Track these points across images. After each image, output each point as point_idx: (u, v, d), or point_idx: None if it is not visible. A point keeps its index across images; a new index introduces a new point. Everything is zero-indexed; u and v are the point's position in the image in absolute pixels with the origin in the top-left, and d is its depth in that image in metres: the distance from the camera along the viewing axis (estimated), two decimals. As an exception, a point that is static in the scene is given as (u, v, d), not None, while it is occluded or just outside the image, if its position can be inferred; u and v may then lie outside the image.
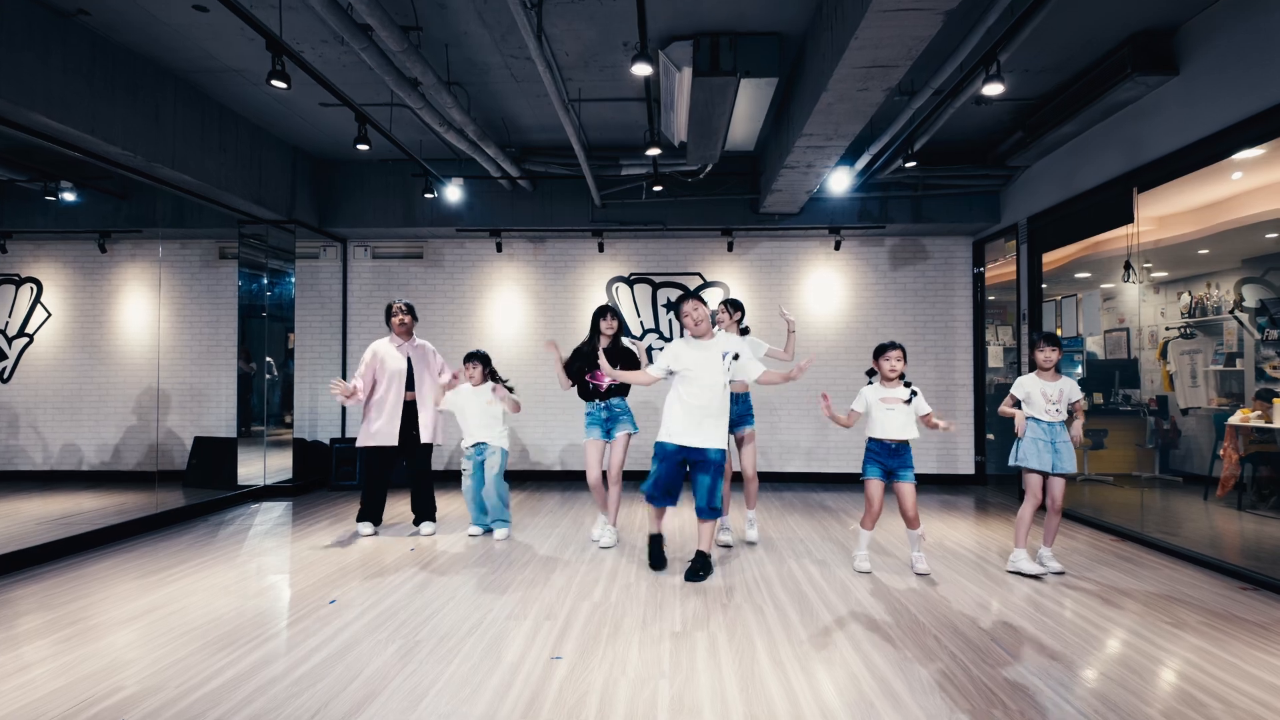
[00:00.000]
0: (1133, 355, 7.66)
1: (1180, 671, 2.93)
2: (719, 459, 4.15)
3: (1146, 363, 7.49)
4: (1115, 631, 3.38)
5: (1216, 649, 3.16)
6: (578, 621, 3.46)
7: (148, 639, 3.22)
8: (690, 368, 4.17)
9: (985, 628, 3.39)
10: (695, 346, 4.22)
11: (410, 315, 5.41)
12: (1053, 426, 4.34)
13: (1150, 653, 3.13)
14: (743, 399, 4.91)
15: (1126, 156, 5.33)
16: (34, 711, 2.53)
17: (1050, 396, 4.33)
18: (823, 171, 5.96)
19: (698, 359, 4.18)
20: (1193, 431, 7.26)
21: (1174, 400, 7.28)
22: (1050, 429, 4.34)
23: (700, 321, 4.20)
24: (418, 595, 3.87)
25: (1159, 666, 2.98)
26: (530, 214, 7.73)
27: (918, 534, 4.33)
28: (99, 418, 8.02)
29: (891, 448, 4.26)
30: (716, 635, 3.29)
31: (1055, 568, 4.37)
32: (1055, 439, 4.33)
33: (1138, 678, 2.86)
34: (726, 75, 4.68)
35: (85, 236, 7.88)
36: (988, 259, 7.97)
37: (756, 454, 4.95)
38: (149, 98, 5.24)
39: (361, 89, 5.65)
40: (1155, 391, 7.39)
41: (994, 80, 4.18)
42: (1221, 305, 6.87)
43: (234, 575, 4.26)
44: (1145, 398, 7.33)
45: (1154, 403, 7.37)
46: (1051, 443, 4.32)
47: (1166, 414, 7.29)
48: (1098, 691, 2.73)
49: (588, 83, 5.63)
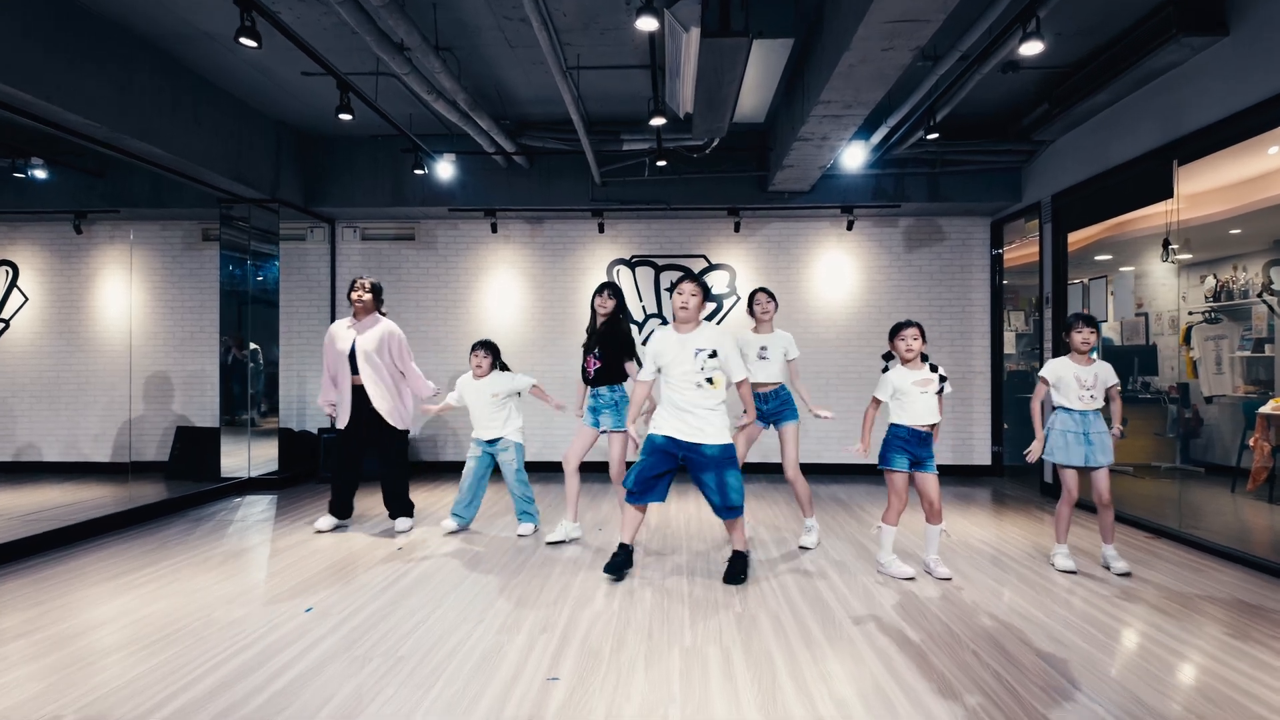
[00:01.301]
0: (1151, 341, 7.34)
1: (1269, 702, 2.60)
2: (717, 453, 3.76)
3: (1166, 349, 7.17)
4: (1181, 649, 3.05)
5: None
6: (577, 635, 3.13)
7: (103, 655, 2.89)
8: (666, 360, 3.83)
9: (1028, 641, 3.06)
10: (674, 337, 3.85)
11: (371, 294, 4.92)
12: (1086, 415, 4.00)
13: (1225, 675, 2.80)
14: (775, 395, 4.54)
15: (1166, 127, 4.96)
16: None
17: (1085, 382, 3.99)
18: (838, 145, 5.59)
19: (672, 352, 3.82)
20: (1216, 420, 6.95)
21: (1196, 388, 6.97)
22: (1084, 418, 4.00)
23: (684, 309, 3.80)
24: (402, 602, 3.54)
25: (1237, 692, 2.65)
26: (527, 193, 7.35)
27: (939, 529, 3.98)
28: (78, 406, 7.69)
29: (922, 435, 3.90)
30: (731, 650, 2.96)
31: (1121, 568, 4.02)
32: (1089, 429, 3.99)
33: (1222, 711, 2.53)
34: (738, 36, 4.29)
35: (60, 217, 7.51)
36: (1006, 240, 7.61)
37: (798, 452, 4.51)
38: (116, 65, 4.86)
39: (345, 56, 5.27)
40: (1176, 379, 7.06)
41: (1032, 38, 3.81)
42: (1249, 288, 6.54)
43: (206, 578, 3.93)
44: (1165, 385, 7.00)
45: (1175, 390, 7.05)
46: (1085, 434, 3.98)
47: (1188, 402, 6.97)
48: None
49: (587, 48, 5.25)
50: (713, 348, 3.78)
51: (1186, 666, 2.85)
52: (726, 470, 3.77)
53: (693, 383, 3.78)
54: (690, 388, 3.78)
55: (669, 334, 3.88)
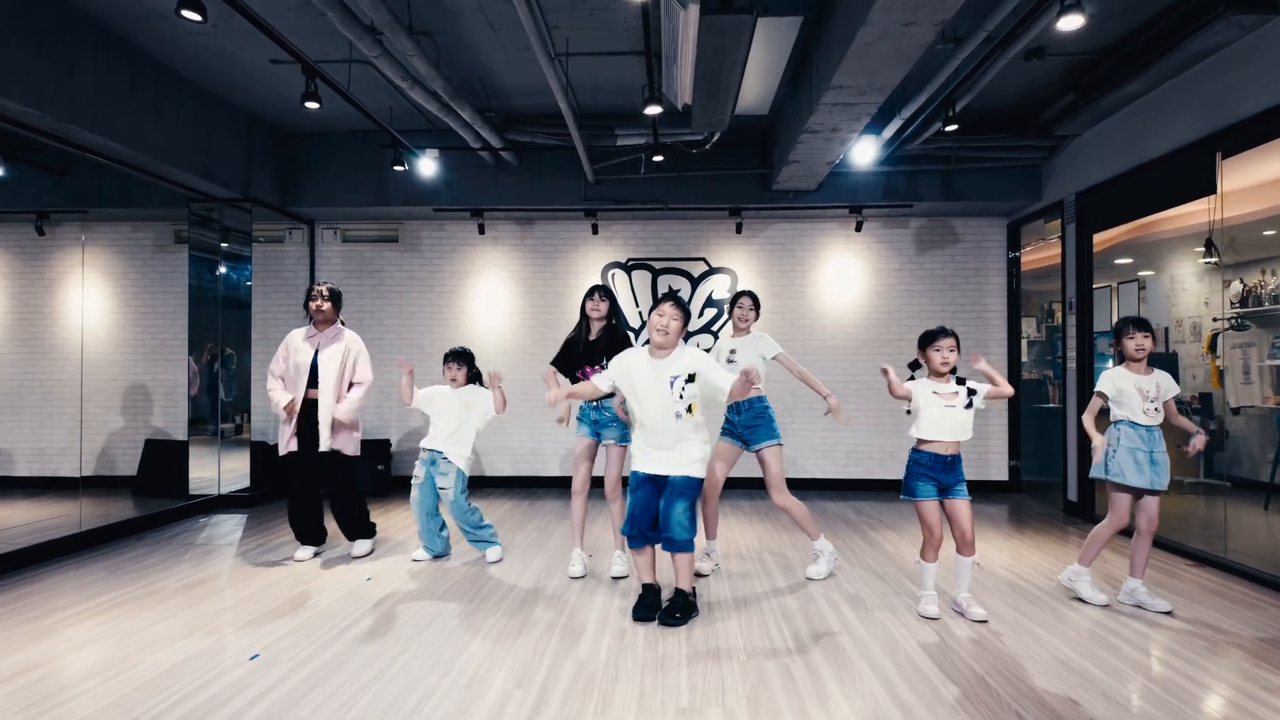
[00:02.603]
0: (1171, 349, 6.94)
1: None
2: (681, 483, 3.38)
3: (1188, 356, 6.77)
4: (1261, 710, 2.62)
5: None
6: (557, 690, 2.70)
7: (12, 710, 2.46)
8: (636, 384, 3.42)
9: (1078, 699, 2.63)
10: (647, 362, 3.43)
11: (329, 302, 4.47)
12: (1152, 433, 3.57)
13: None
14: (751, 404, 4.11)
15: (1209, 116, 4.55)
16: None
17: (1148, 393, 3.57)
18: (848, 138, 5.18)
19: (645, 379, 3.40)
20: (1243, 432, 6.55)
21: (1221, 398, 6.57)
22: (1150, 435, 3.57)
23: (663, 332, 3.37)
24: (361, 648, 3.11)
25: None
26: (516, 191, 6.93)
27: (971, 562, 3.53)
28: (43, 418, 7.25)
29: (947, 460, 3.45)
30: (735, 713, 2.53)
31: (1161, 606, 3.58)
32: (1154, 448, 3.56)
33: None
34: (742, 13, 3.89)
35: (21, 218, 7.09)
36: (1023, 242, 7.20)
37: (781, 473, 4.09)
38: (60, 48, 4.45)
39: (313, 41, 4.87)
40: (1199, 388, 6.67)
41: (1072, 10, 3.40)
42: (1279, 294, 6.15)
43: (149, 615, 3.50)
44: (1188, 395, 6.60)
45: (1196, 400, 6.66)
46: (1151, 453, 3.55)
47: (1212, 413, 6.56)
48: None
49: (577, 31, 4.84)
50: (690, 371, 3.38)
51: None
52: (677, 500, 3.37)
53: (671, 414, 3.37)
54: (670, 420, 3.38)
55: (640, 357, 3.46)
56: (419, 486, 4.43)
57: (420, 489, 4.43)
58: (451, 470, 4.41)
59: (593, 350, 4.17)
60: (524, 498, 6.79)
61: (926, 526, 3.50)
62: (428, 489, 4.44)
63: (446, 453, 4.42)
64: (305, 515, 4.57)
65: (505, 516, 5.86)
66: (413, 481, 4.49)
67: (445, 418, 4.48)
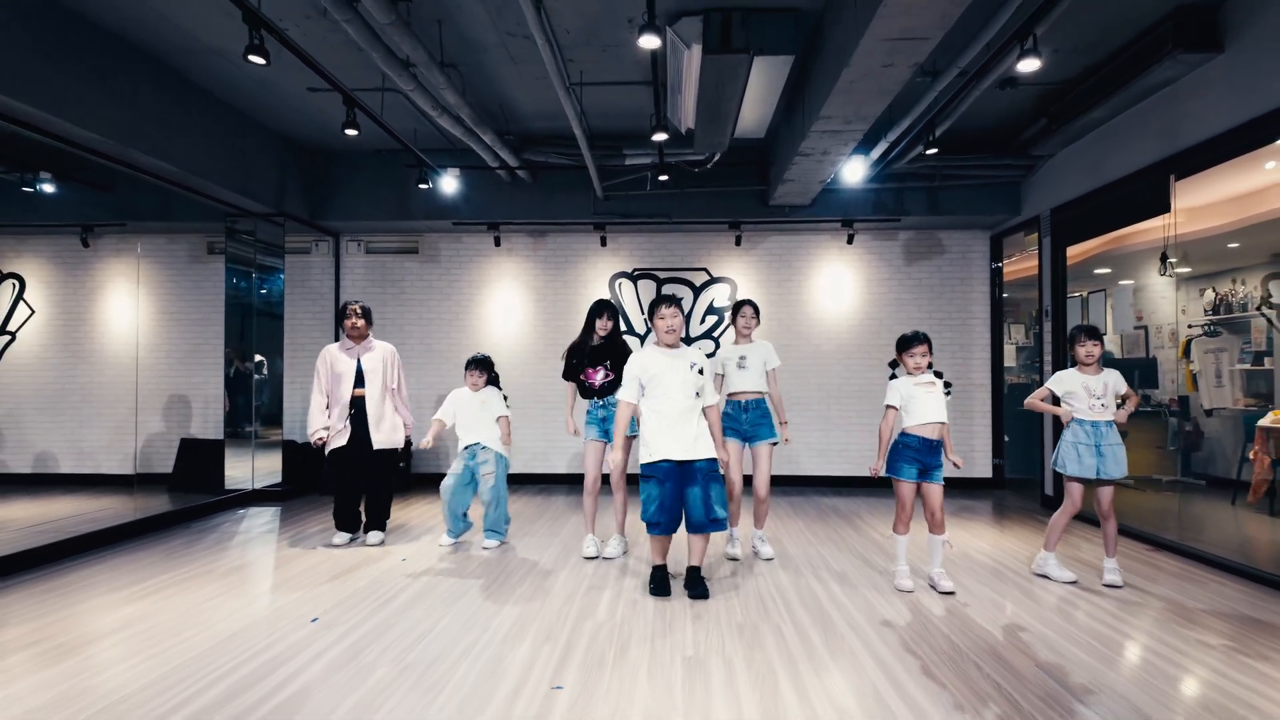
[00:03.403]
0: (1151, 354, 7.36)
1: (1270, 715, 2.61)
2: (706, 468, 3.81)
3: (1166, 362, 7.19)
4: (1187, 664, 3.07)
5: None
6: (580, 644, 3.15)
7: (113, 663, 2.91)
8: (658, 376, 3.84)
9: (1031, 654, 3.08)
10: (662, 355, 3.90)
11: (363, 319, 5.03)
12: (1097, 427, 4.02)
13: (1225, 687, 2.81)
14: (755, 406, 4.57)
15: (1163, 142, 5.01)
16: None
17: (1094, 390, 4.02)
18: (838, 159, 5.65)
19: (665, 369, 3.85)
20: (1217, 433, 6.96)
21: (1196, 401, 6.98)
22: (1095, 430, 4.02)
23: (672, 331, 3.87)
24: (406, 612, 3.56)
25: (1237, 704, 2.66)
26: (529, 206, 7.41)
27: (943, 540, 3.98)
28: (82, 419, 7.70)
29: (931, 443, 3.92)
30: (733, 660, 2.98)
31: (1115, 581, 4.04)
32: (1100, 441, 4.01)
33: (1214, 718, 2.55)
34: (739, 53, 4.36)
35: (67, 231, 7.56)
36: (1006, 253, 7.66)
37: (769, 469, 4.56)
38: (123, 80, 4.93)
39: (351, 72, 5.34)
40: (1177, 392, 7.08)
41: (1029, 55, 3.87)
42: (1248, 302, 6.57)
43: (212, 589, 3.95)
44: (1166, 398, 7.02)
45: (1175, 403, 7.07)
46: (1096, 445, 4.00)
47: (1189, 415, 6.98)
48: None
49: (590, 64, 5.32)
50: (700, 365, 3.89)
51: (1188, 678, 2.86)
52: (713, 483, 3.80)
53: (691, 395, 3.83)
54: (690, 402, 3.82)
55: (654, 354, 3.91)
56: (454, 476, 4.88)
57: (456, 478, 4.87)
58: (491, 456, 4.89)
59: (597, 354, 4.71)
60: (536, 494, 7.24)
61: (900, 502, 3.96)
62: (461, 479, 4.89)
63: (484, 441, 4.89)
64: (348, 504, 5.04)
65: (520, 510, 6.31)
66: (449, 471, 4.93)
67: (467, 414, 4.94)
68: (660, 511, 3.76)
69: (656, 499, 3.77)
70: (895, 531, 4.03)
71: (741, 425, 4.57)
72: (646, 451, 3.84)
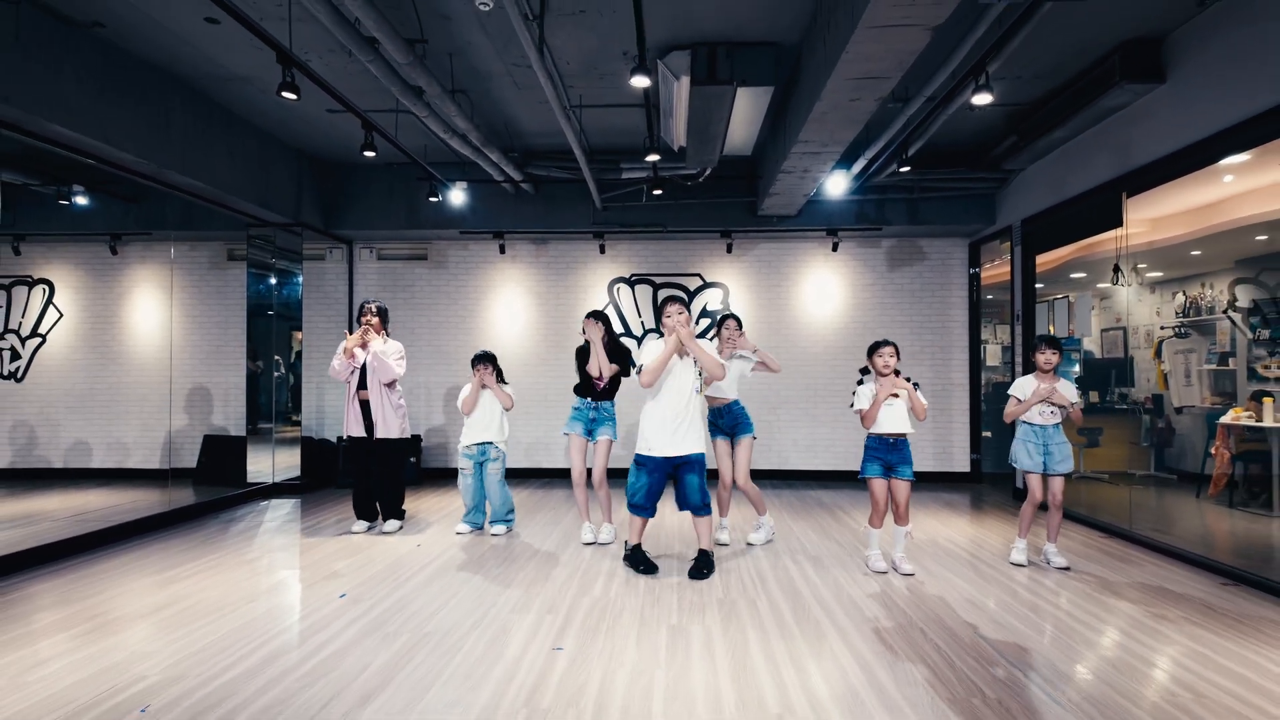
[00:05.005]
0: (1128, 354, 7.76)
1: (1164, 668, 3.05)
2: (701, 459, 4.33)
3: (1142, 362, 7.56)
4: (1101, 628, 3.51)
5: (1200, 645, 3.28)
6: (578, 615, 3.59)
7: (164, 633, 3.36)
8: (668, 369, 4.29)
9: (973, 623, 3.52)
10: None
11: (378, 317, 5.41)
12: (1044, 429, 4.45)
13: (1136, 650, 3.25)
14: (729, 411, 4.99)
15: (1116, 162, 5.43)
16: (60, 700, 2.67)
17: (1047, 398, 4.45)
18: (819, 176, 6.07)
19: (675, 361, 4.31)
20: (1186, 430, 7.34)
21: (1168, 399, 7.36)
22: (1042, 432, 4.46)
23: (683, 325, 4.33)
24: (423, 590, 4.00)
25: (1142, 662, 3.10)
26: (532, 216, 7.85)
27: (905, 531, 4.42)
28: (110, 416, 8.16)
29: (890, 443, 4.36)
30: (711, 628, 3.42)
31: (1060, 563, 4.48)
32: (1048, 441, 4.44)
33: (1118, 672, 2.99)
34: (724, 84, 4.80)
35: (97, 239, 8.02)
36: (984, 260, 8.08)
37: (749, 461, 4.97)
38: (159, 105, 5.37)
39: (368, 95, 5.77)
40: (1150, 390, 7.47)
41: (983, 90, 4.30)
42: (1215, 305, 6.96)
43: (245, 571, 4.40)
44: (1140, 396, 7.41)
45: (1149, 401, 7.45)
46: (1044, 445, 4.44)
47: (1161, 412, 7.37)
48: (1079, 684, 2.86)
49: (588, 90, 5.75)
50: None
51: (1101, 639, 3.30)
52: (695, 475, 4.31)
53: (694, 389, 4.30)
54: (691, 395, 4.29)
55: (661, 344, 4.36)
56: (471, 477, 5.36)
57: (472, 479, 5.36)
58: (501, 455, 5.38)
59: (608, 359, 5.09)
60: (537, 486, 7.68)
61: (874, 499, 4.40)
62: (479, 477, 5.38)
63: (495, 441, 5.37)
64: (364, 494, 5.49)
65: (524, 501, 6.75)
66: (462, 472, 5.39)
67: (479, 410, 5.37)
68: (646, 498, 4.31)
69: (645, 486, 4.30)
70: (869, 525, 4.48)
71: (723, 427, 5.01)
72: (644, 444, 4.33)
